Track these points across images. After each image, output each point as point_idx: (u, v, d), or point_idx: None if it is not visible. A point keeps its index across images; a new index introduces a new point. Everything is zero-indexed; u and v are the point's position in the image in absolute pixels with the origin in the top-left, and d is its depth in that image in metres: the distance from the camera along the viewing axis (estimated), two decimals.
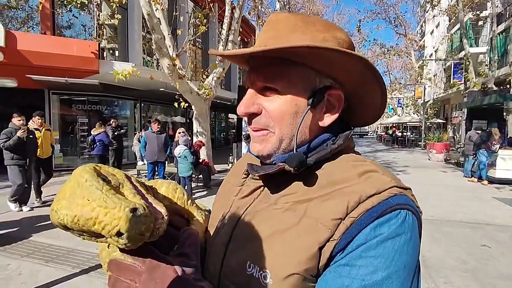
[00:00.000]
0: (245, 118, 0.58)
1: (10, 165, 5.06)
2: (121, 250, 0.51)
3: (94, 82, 8.56)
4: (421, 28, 32.82)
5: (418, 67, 24.40)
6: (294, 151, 0.51)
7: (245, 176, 0.60)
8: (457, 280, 2.99)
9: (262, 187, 0.57)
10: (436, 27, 25.70)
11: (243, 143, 8.96)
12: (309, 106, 0.52)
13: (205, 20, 8.40)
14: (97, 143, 7.31)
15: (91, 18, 9.86)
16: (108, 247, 0.49)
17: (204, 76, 9.21)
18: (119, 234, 0.39)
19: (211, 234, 0.60)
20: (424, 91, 21.84)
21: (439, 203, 6.04)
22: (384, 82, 0.54)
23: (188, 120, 14.57)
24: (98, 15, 9.51)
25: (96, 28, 9.57)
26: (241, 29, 10.17)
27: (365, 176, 0.49)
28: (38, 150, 5.64)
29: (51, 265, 3.23)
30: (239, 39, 9.56)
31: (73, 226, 0.41)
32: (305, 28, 0.52)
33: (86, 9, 9.08)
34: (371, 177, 0.49)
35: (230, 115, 20.66)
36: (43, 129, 5.97)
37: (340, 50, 0.46)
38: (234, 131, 19.60)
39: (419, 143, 21.19)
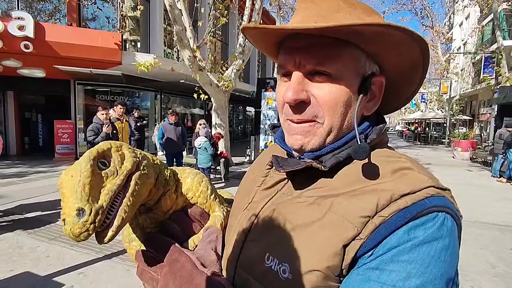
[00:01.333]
0: (265, 111, 0.54)
1: None
2: (143, 242, 0.53)
3: (117, 73, 8.76)
4: (449, 20, 31.31)
5: (445, 61, 23.37)
6: (355, 141, 0.48)
7: (269, 167, 0.58)
8: (486, 285, 2.86)
9: (286, 180, 0.54)
10: (466, 18, 24.46)
11: (261, 136, 8.95)
12: (361, 95, 0.49)
13: (225, 12, 8.35)
14: None
15: (114, 10, 10.05)
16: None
17: (224, 68, 9.21)
18: (64, 222, 0.42)
19: (231, 224, 0.59)
20: (450, 86, 20.93)
21: (466, 204, 5.79)
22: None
23: (206, 112, 14.70)
24: (121, 7, 9.67)
25: (119, 20, 9.75)
26: (261, 21, 10.05)
27: (399, 174, 0.45)
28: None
29: (76, 249, 3.37)
30: None
31: (58, 190, 0.46)
32: (349, 9, 0.49)
33: (110, 1, 9.25)
34: (406, 174, 0.45)
35: (248, 108, 20.66)
36: (124, 120, 5.75)
37: (408, 30, 0.43)
38: (251, 124, 19.61)
39: (443, 140, 20.45)
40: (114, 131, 5.12)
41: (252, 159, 8.54)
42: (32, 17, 7.42)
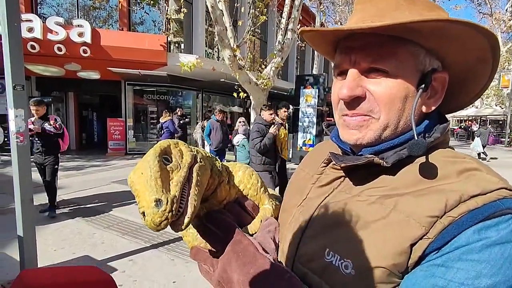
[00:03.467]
0: (303, 109, 0.56)
1: (261, 171, 4.02)
2: (202, 235, 0.54)
3: (163, 73, 9.26)
4: (511, 5, 28.09)
5: (506, 51, 21.05)
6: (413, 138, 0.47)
7: (325, 164, 0.58)
8: None
9: (343, 178, 0.54)
10: None
11: (299, 134, 8.86)
12: (420, 90, 0.48)
13: (265, 10, 8.38)
14: (164, 130, 7.96)
15: (160, 13, 10.61)
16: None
17: (263, 66, 9.26)
18: (143, 214, 0.44)
19: (285, 220, 0.59)
20: None
21: None
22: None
23: (245, 110, 14.91)
24: (167, 10, 10.18)
25: (165, 23, 10.27)
26: (300, 17, 9.93)
27: (466, 174, 0.44)
28: (283, 150, 4.49)
29: (126, 238, 3.66)
30: (298, 27, 9.36)
31: (131, 188, 0.48)
32: (409, 6, 0.48)
33: (157, 5, 9.79)
34: (474, 175, 0.44)
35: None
36: (286, 124, 4.96)
37: (471, 23, 0.42)
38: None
39: (502, 139, 18.49)
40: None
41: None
42: (89, 24, 8.14)
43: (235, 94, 8.47)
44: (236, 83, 8.44)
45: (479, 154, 11.89)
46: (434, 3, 0.51)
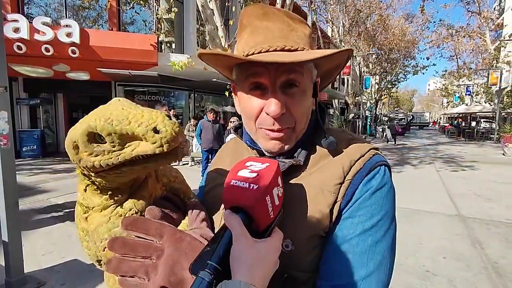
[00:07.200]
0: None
1: None
2: (127, 225, 0.47)
3: (154, 73, 9.16)
4: (499, 4, 28.58)
5: (494, 49, 21.38)
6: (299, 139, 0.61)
7: None
8: None
9: None
10: None
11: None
12: (314, 98, 0.61)
13: None
14: None
15: (150, 13, 10.50)
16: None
17: None
18: (155, 130, 0.42)
19: (213, 205, 0.63)
20: (501, 76, 19.14)
21: None
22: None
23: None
24: (157, 10, 10.08)
25: (155, 23, 10.17)
26: None
27: (349, 144, 0.60)
28: None
29: None
30: None
31: (104, 128, 0.43)
32: (294, 23, 0.59)
33: (147, 5, 9.68)
34: (353, 143, 0.60)
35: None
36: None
37: (350, 50, 0.56)
38: None
39: (491, 135, 18.82)
40: None
41: None
42: (78, 24, 8.01)
43: (227, 93, 8.44)
44: (228, 83, 8.39)
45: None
46: (298, 16, 0.62)
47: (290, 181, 0.58)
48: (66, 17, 9.40)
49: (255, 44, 0.56)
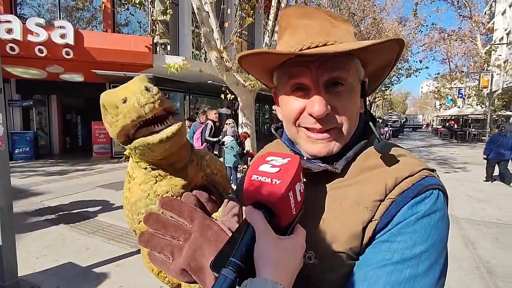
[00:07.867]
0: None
1: None
2: (164, 204, 0.50)
3: (149, 75, 9.08)
4: (490, 9, 29.12)
5: (485, 53, 21.76)
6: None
7: None
8: None
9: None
10: (510, 6, 22.60)
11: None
12: (364, 98, 0.58)
13: (251, 12, 8.40)
14: None
15: (145, 15, 10.47)
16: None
17: None
18: (124, 101, 0.45)
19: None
20: (492, 79, 19.47)
21: (507, 205, 5.41)
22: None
23: (233, 112, 14.87)
24: (152, 12, 10.06)
25: (150, 24, 10.14)
26: None
27: (397, 160, 0.53)
28: None
29: (112, 243, 3.58)
30: None
31: (103, 100, 0.49)
32: (339, 23, 0.55)
33: (142, 6, 9.66)
34: (402, 159, 0.53)
35: (274, 107, 20.61)
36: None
37: (399, 38, 0.49)
38: (277, 123, 19.52)
39: (483, 138, 19.10)
40: None
41: None
42: (72, 25, 7.95)
43: (222, 96, 8.45)
44: (224, 85, 8.41)
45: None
46: (341, 15, 0.59)
47: (322, 188, 0.54)
48: (59, 18, 9.32)
49: (296, 43, 0.52)
